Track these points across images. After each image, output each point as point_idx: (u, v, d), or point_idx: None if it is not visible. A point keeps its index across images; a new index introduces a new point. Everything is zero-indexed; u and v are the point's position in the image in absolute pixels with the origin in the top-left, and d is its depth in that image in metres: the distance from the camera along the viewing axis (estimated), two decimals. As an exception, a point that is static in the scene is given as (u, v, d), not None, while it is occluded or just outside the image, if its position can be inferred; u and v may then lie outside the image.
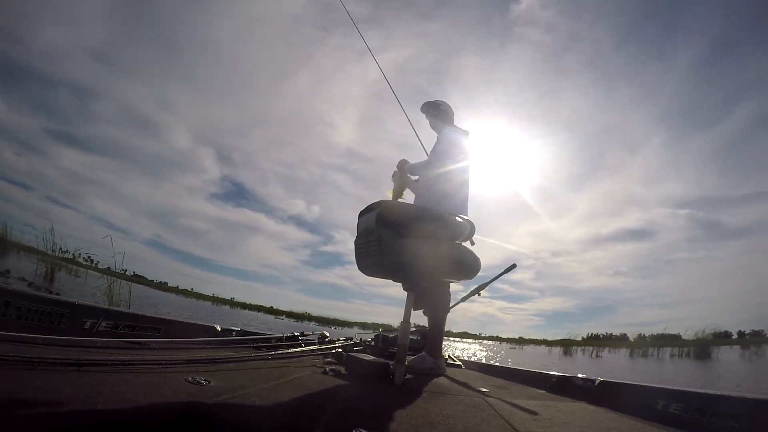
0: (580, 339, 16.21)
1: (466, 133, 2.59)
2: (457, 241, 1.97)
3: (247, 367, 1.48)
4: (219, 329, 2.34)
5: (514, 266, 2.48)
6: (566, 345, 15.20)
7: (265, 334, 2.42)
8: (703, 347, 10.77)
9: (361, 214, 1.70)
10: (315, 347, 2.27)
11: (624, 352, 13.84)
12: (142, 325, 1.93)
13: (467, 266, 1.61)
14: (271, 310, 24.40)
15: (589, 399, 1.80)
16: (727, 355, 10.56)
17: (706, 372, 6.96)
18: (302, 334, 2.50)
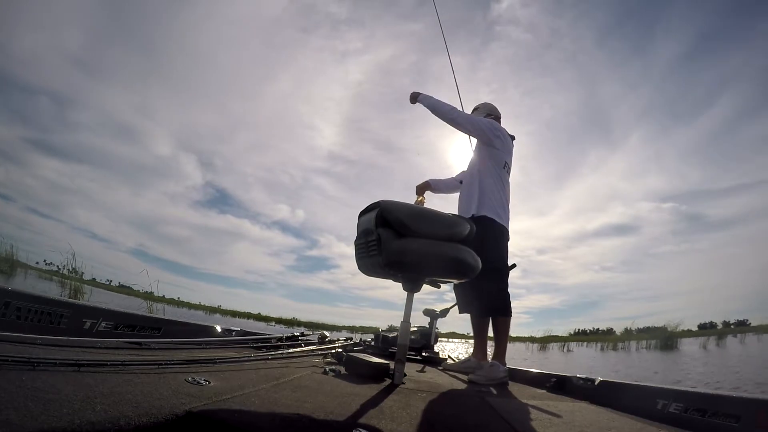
0: (558, 335, 17.04)
1: (512, 137, 2.60)
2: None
3: (247, 368, 1.48)
4: (219, 329, 2.34)
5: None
6: (543, 342, 16.03)
7: (265, 334, 2.42)
8: (666, 340, 11.25)
9: (361, 214, 1.70)
10: (315, 347, 2.27)
11: (596, 345, 14.54)
12: (142, 325, 1.93)
13: (467, 266, 1.60)
14: (260, 317, 24.40)
15: (589, 399, 1.80)
16: (691, 347, 11.16)
17: (664, 363, 7.34)
18: (302, 335, 2.50)
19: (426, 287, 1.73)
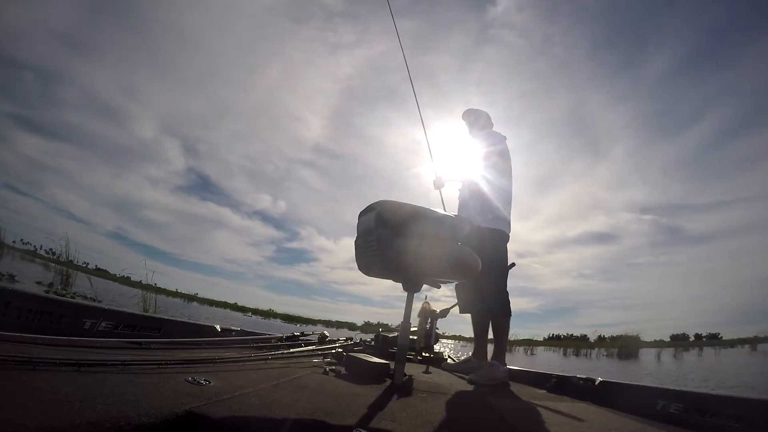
0: (527, 339, 17.86)
1: (504, 138, 2.66)
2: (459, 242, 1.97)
3: (247, 367, 1.48)
4: (219, 329, 2.34)
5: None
6: (512, 344, 16.61)
7: (265, 334, 2.43)
8: (627, 348, 11.86)
9: (361, 214, 1.70)
10: (315, 347, 2.27)
11: (560, 351, 15.37)
12: (142, 324, 1.93)
13: (467, 266, 1.61)
14: (237, 307, 24.41)
15: (589, 399, 1.80)
16: (649, 357, 11.62)
17: (618, 369, 7.87)
18: (302, 334, 2.51)
19: (426, 287, 1.73)
